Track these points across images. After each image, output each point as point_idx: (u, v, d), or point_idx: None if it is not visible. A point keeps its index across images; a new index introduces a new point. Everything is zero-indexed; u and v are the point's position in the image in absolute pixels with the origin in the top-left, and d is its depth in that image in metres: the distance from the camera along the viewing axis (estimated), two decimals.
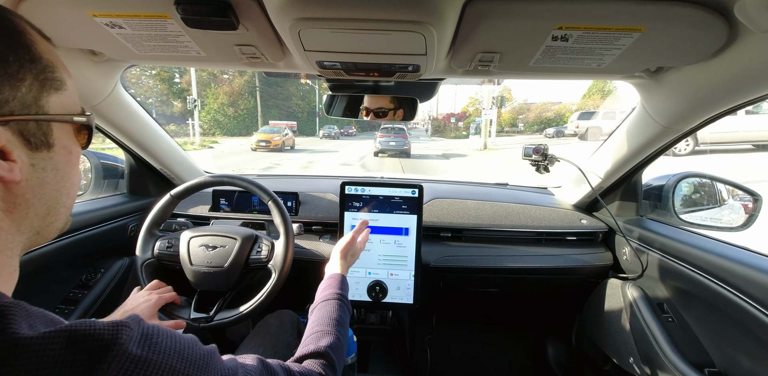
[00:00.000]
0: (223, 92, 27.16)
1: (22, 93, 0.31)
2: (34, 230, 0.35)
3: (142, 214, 1.27)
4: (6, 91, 0.30)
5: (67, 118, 0.35)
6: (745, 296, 0.70)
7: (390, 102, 1.04)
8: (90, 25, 0.61)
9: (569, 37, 0.58)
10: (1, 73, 0.29)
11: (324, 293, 0.72)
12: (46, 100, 0.33)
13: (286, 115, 30.96)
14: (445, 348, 1.56)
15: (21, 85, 0.31)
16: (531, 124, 30.76)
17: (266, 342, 0.89)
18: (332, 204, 1.26)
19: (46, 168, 0.34)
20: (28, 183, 0.32)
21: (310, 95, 34.43)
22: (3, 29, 0.31)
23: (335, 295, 0.71)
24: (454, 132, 35.86)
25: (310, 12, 0.53)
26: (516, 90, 45.87)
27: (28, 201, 0.33)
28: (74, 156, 0.37)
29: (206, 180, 0.99)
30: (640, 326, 0.95)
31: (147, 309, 0.79)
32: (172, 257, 0.94)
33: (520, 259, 1.17)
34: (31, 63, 0.32)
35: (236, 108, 27.57)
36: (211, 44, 0.68)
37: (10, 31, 0.31)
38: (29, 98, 0.31)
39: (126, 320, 0.32)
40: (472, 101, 41.18)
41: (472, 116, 36.38)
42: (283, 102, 31.29)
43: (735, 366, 0.76)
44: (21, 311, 0.28)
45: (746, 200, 1.06)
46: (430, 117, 44.43)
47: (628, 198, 1.16)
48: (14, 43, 0.31)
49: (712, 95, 0.72)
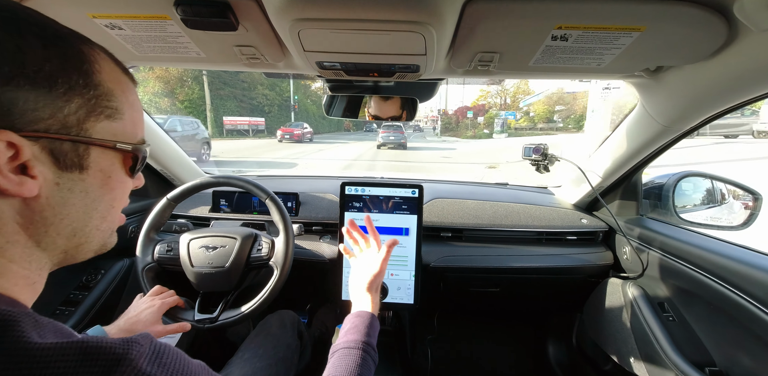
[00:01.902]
0: (156, 77, 18.10)
1: (64, 114, 0.31)
2: (60, 249, 0.35)
3: (143, 215, 1.27)
4: (46, 110, 0.30)
5: (108, 144, 0.35)
6: (745, 294, 0.71)
7: (394, 109, 1.04)
8: (90, 26, 0.61)
9: (569, 37, 0.58)
10: (44, 92, 0.30)
11: (347, 337, 0.61)
12: (92, 124, 0.34)
13: (249, 109, 22.00)
14: (446, 348, 1.56)
15: (65, 107, 0.31)
16: (577, 118, 22.51)
17: (267, 343, 0.89)
18: (332, 204, 1.26)
19: (73, 189, 0.34)
20: (48, 201, 0.32)
21: (283, 83, 24.93)
22: (64, 55, 0.32)
23: (360, 344, 0.59)
24: (472, 130, 29.11)
25: (310, 12, 0.53)
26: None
27: (47, 219, 0.33)
28: (114, 181, 0.37)
29: (203, 182, 0.99)
30: (640, 326, 0.95)
31: (151, 315, 0.79)
32: (172, 260, 0.93)
33: (521, 259, 1.17)
34: (85, 88, 0.33)
35: (174, 99, 18.91)
36: (210, 45, 0.68)
37: (71, 57, 0.32)
38: (72, 120, 0.32)
39: (136, 337, 0.32)
40: (484, 94, 35.59)
41: (496, 110, 28.97)
42: (244, 92, 22.17)
43: (736, 365, 0.76)
44: (30, 319, 0.28)
45: (746, 199, 1.06)
46: (440, 112, 35.66)
47: (628, 197, 1.16)
48: (71, 67, 0.32)
49: (711, 94, 0.72)
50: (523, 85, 26.06)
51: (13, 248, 0.32)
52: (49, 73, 0.30)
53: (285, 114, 24.79)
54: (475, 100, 36.68)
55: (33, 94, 0.29)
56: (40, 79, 0.30)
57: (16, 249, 0.32)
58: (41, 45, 0.30)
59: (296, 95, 25.15)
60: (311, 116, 27.25)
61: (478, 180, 1.76)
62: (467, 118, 31.85)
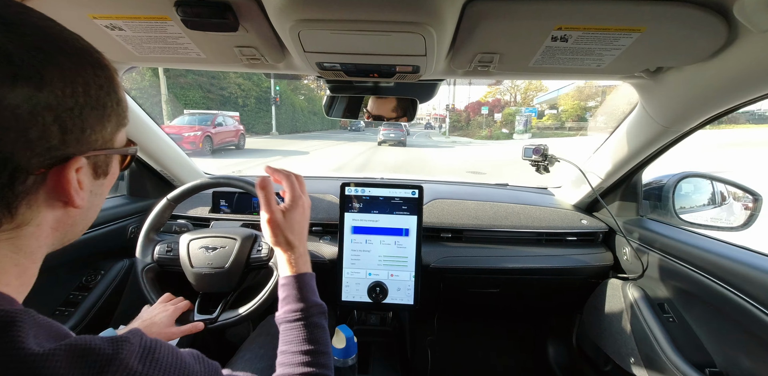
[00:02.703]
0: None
1: (107, 131, 0.34)
2: (62, 242, 0.38)
3: (142, 215, 1.27)
4: (98, 132, 0.33)
5: (124, 151, 0.38)
6: (745, 295, 0.70)
7: (394, 110, 1.04)
8: (90, 27, 0.61)
9: (569, 38, 0.59)
10: (99, 116, 0.33)
11: (284, 308, 0.57)
12: (117, 135, 0.37)
13: (219, 101, 17.65)
14: (446, 349, 1.56)
15: (108, 125, 0.34)
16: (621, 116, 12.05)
17: (267, 343, 0.89)
18: (332, 205, 1.26)
19: (97, 193, 0.38)
20: (83, 208, 0.35)
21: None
22: (104, 76, 0.34)
23: (297, 314, 0.55)
24: (487, 128, 24.33)
25: (310, 13, 0.53)
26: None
27: (77, 222, 0.36)
28: (114, 178, 0.40)
29: (202, 182, 0.99)
30: (640, 327, 0.95)
31: (165, 318, 0.80)
32: (172, 261, 0.93)
33: (521, 259, 1.17)
34: (118, 105, 0.35)
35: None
36: (211, 46, 0.69)
37: (109, 77, 0.34)
38: (107, 135, 0.35)
39: (126, 335, 0.32)
40: (492, 91, 31.46)
41: (518, 105, 22.37)
42: (212, 81, 17.41)
43: (736, 366, 0.76)
44: (29, 319, 0.28)
45: (746, 200, 1.06)
46: (448, 107, 30.43)
47: (628, 198, 1.16)
48: (110, 88, 0.34)
49: (711, 95, 0.72)
50: (536, 81, 19.17)
51: (41, 250, 0.34)
52: (102, 98, 0.33)
53: (265, 108, 20.59)
54: (483, 96, 31.64)
55: (94, 120, 0.32)
56: (99, 106, 0.32)
57: (42, 251, 0.34)
58: (94, 73, 0.32)
59: (278, 86, 20.84)
60: (299, 111, 24.27)
61: (477, 181, 1.76)
62: (480, 115, 26.45)
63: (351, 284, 1.07)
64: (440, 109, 36.18)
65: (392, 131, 16.48)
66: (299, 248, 0.61)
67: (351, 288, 1.07)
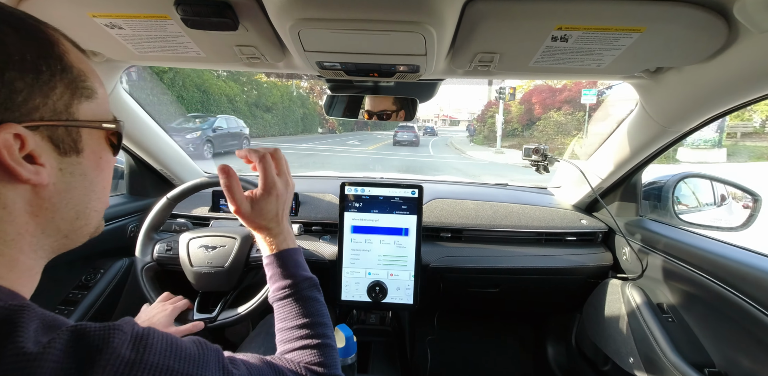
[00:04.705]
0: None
1: (53, 100, 0.32)
2: (62, 234, 0.36)
3: (142, 214, 1.27)
4: (37, 99, 0.31)
5: (95, 125, 0.36)
6: (745, 296, 0.70)
7: (392, 104, 1.04)
8: (90, 25, 0.61)
9: (569, 38, 0.58)
10: (33, 82, 0.31)
11: (274, 286, 0.56)
12: (76, 107, 0.34)
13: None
14: (446, 348, 1.56)
15: (52, 93, 0.32)
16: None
17: (267, 342, 0.89)
18: (332, 205, 1.26)
19: (74, 173, 0.35)
20: (55, 187, 0.33)
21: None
22: (36, 40, 0.32)
23: (286, 291, 0.55)
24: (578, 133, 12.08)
25: (310, 12, 0.53)
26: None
27: (55, 205, 0.34)
28: (104, 161, 0.38)
29: (202, 181, 0.99)
30: (640, 327, 0.95)
31: (164, 318, 0.80)
32: (171, 260, 0.93)
33: (520, 259, 1.17)
34: (63, 72, 0.33)
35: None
36: (210, 45, 0.68)
37: (43, 41, 0.32)
38: (60, 105, 0.33)
39: (118, 323, 0.32)
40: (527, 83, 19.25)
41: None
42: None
43: (735, 366, 0.76)
44: (31, 313, 0.28)
45: (746, 200, 1.06)
46: (500, 97, 16.06)
47: (627, 198, 1.16)
48: (47, 53, 0.32)
49: (711, 96, 0.72)
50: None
51: (23, 238, 0.33)
52: (32, 60, 0.31)
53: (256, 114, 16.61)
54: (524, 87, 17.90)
55: (24, 84, 0.30)
56: (27, 68, 0.30)
57: (26, 239, 0.33)
58: (14, 32, 0.30)
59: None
60: (278, 109, 18.74)
61: (477, 181, 1.76)
62: (558, 111, 14.16)
63: (350, 284, 1.07)
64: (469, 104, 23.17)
65: (405, 133, 18.49)
66: (275, 228, 0.58)
67: (350, 287, 1.07)
